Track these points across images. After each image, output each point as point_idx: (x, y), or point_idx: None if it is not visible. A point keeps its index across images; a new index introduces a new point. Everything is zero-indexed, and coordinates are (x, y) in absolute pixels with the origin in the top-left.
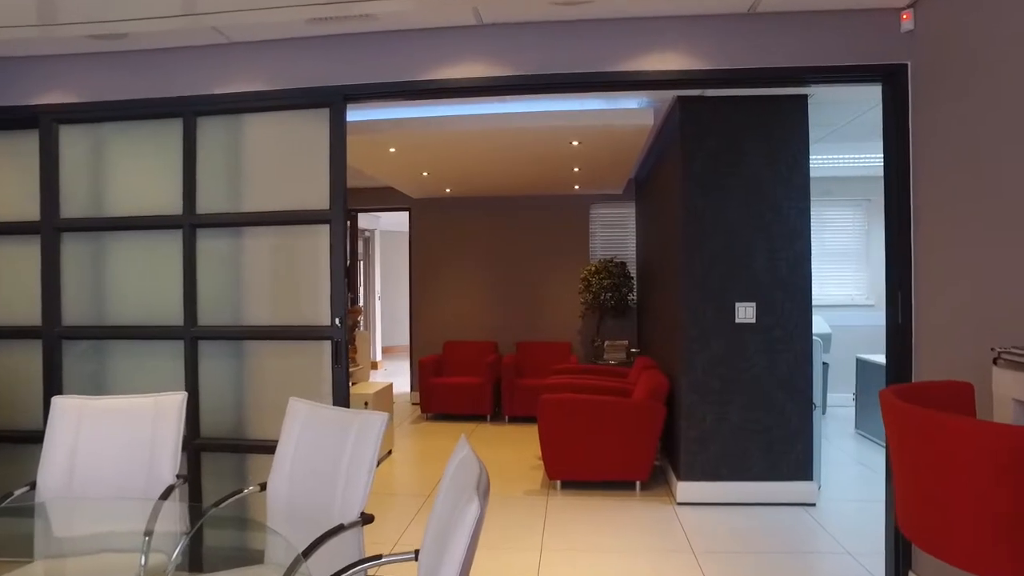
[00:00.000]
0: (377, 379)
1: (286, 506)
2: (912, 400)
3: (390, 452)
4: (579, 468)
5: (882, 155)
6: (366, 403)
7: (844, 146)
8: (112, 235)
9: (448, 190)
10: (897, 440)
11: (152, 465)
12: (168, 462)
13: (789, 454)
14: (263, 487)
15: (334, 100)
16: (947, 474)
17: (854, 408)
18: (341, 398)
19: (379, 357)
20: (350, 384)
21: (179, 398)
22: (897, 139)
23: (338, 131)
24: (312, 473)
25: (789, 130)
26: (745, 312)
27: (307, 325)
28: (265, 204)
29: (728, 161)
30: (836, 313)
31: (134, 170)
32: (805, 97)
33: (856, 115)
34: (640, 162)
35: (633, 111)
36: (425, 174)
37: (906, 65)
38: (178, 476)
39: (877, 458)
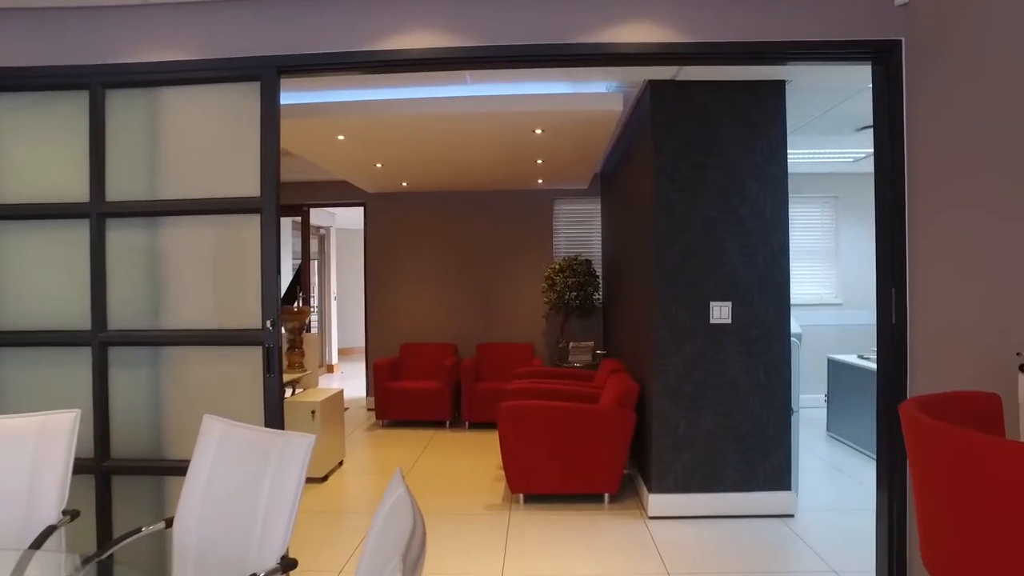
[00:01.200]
0: (334, 383)
1: (196, 548)
2: (939, 415)
3: (341, 463)
4: (543, 481)
5: (857, 149)
6: (313, 412)
7: (815, 140)
8: (4, 225)
9: (404, 184)
10: (924, 463)
11: (31, 501)
12: (52, 496)
13: (766, 463)
14: (169, 523)
15: (266, 73)
16: (990, 505)
17: (825, 410)
18: (274, 413)
19: (335, 360)
20: (296, 391)
21: (70, 417)
22: (889, 122)
23: (270, 108)
24: (226, 508)
25: (766, 118)
26: (720, 312)
27: (235, 329)
28: (187, 191)
29: (702, 150)
30: (805, 312)
31: (31, 150)
32: (783, 83)
33: (832, 105)
34: (607, 154)
35: (601, 96)
36: (379, 166)
37: (900, 42)
38: (64, 512)
39: (852, 462)
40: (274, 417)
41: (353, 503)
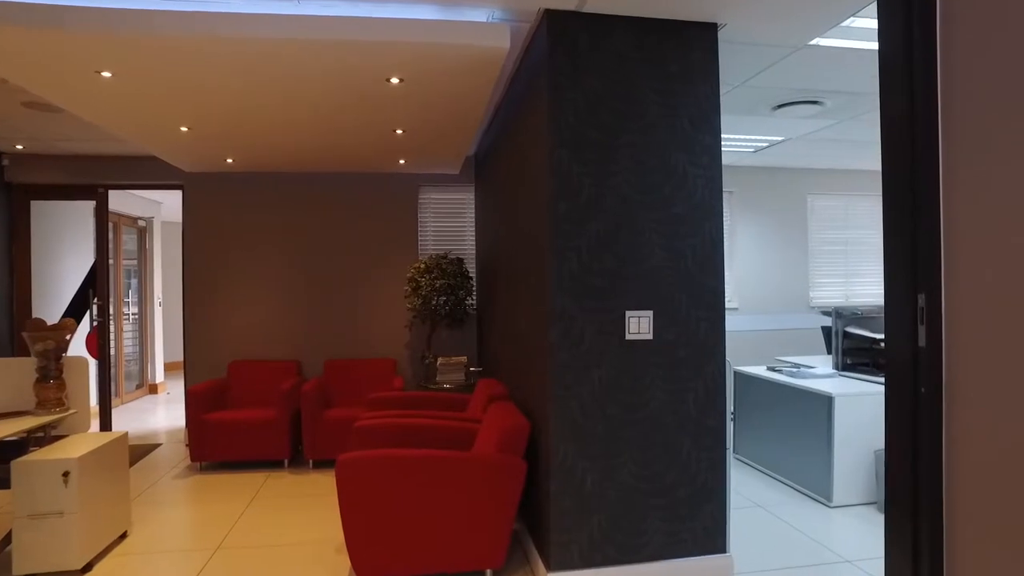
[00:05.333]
0: (158, 407)
1: None
2: None
3: (123, 536)
4: (402, 558)
5: (761, 137)
6: (66, 474)
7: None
8: None
9: (230, 160)
10: None
11: None
12: None
13: (697, 519)
14: None
15: None
16: None
17: (731, 429)
18: None
19: (160, 379)
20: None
21: None
22: (919, 30)
23: None
24: None
25: (696, 70)
26: (639, 324)
27: None
28: None
29: (615, 110)
30: None
31: None
32: (715, 27)
33: (760, 68)
34: (486, 126)
35: (481, 28)
36: (184, 129)
37: None
38: None
39: (769, 494)
40: None
41: None
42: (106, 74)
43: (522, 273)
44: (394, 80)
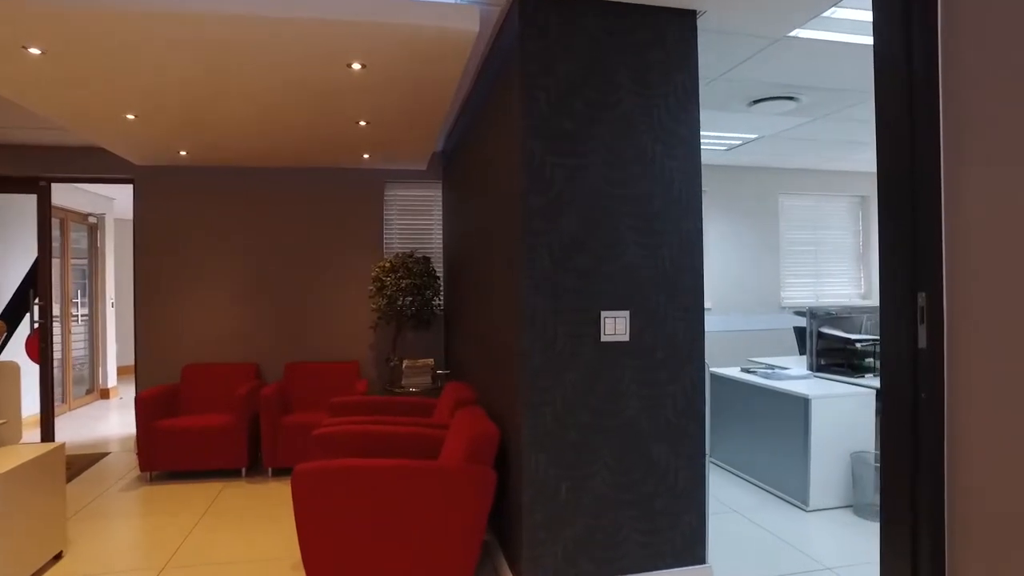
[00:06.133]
0: (111, 412)
1: None
2: None
3: (58, 556)
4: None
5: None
6: None
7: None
8: None
9: (184, 153)
10: None
11: None
12: None
13: (676, 529)
14: None
15: None
16: None
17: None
18: None
19: (113, 383)
20: None
21: None
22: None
23: None
24: None
25: (673, 59)
26: (615, 325)
27: None
28: None
29: (589, 100)
30: None
31: None
32: (694, 15)
33: (738, 60)
34: (452, 122)
35: (449, 8)
36: (131, 117)
37: None
38: None
39: (746, 499)
40: None
41: None
42: (34, 50)
43: (492, 272)
44: (356, 66)
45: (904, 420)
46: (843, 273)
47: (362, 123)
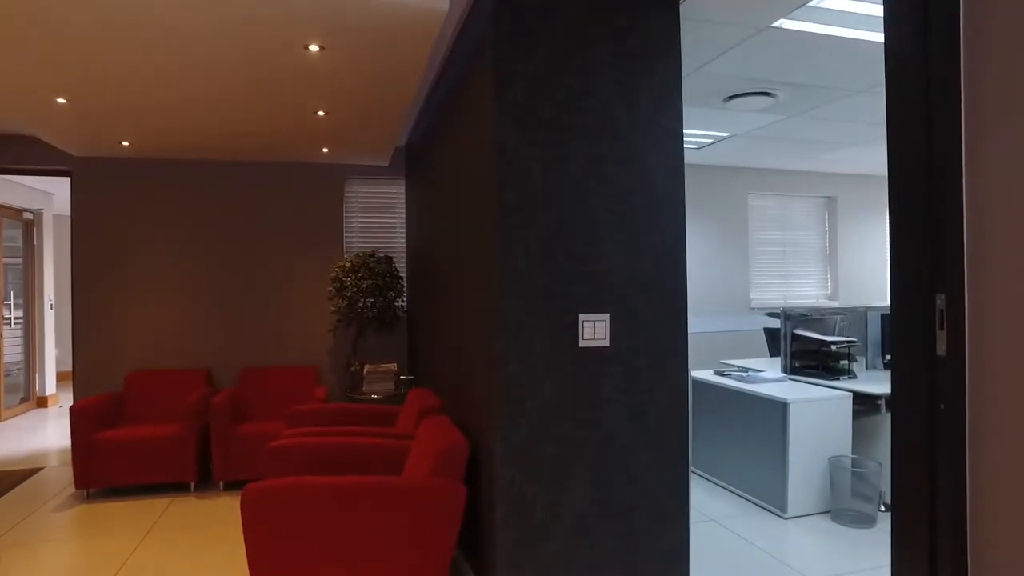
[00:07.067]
0: (48, 423)
1: None
2: None
3: None
4: None
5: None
6: None
7: None
8: None
9: (126, 143)
10: None
11: None
12: None
13: (658, 545)
14: None
15: None
16: None
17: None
18: None
19: (52, 390)
20: None
21: None
22: None
23: None
24: None
25: (655, 46)
26: (594, 329)
27: None
28: None
29: (568, 87)
30: None
31: None
32: (677, 1)
33: (717, 53)
34: (417, 115)
35: None
36: (62, 101)
37: None
38: None
39: (723, 507)
40: None
41: None
42: None
43: (461, 272)
44: (313, 47)
45: (919, 435)
46: (811, 274)
47: (320, 113)
